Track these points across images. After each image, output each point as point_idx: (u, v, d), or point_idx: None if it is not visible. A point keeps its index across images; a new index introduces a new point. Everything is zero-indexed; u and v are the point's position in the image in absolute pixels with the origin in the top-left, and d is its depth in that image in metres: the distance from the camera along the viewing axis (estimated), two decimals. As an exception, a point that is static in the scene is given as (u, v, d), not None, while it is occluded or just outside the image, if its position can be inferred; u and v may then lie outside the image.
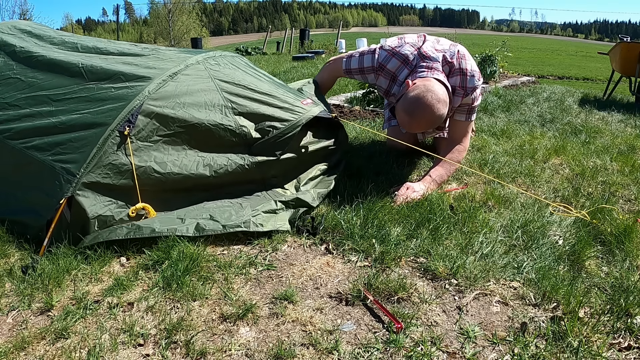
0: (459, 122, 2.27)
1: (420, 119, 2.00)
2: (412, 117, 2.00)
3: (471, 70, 2.14)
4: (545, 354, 1.14)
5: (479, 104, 2.49)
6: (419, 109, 1.97)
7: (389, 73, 2.22)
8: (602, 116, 4.06)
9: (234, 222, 1.71)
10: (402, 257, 1.58)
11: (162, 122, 1.76)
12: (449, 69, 2.14)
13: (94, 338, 1.20)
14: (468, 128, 2.30)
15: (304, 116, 1.99)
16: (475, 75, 2.15)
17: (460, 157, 2.26)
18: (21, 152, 1.75)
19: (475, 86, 2.16)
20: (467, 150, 2.36)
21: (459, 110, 2.23)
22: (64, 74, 1.96)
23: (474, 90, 2.17)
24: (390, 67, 2.20)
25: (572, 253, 1.61)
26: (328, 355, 1.16)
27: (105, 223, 1.63)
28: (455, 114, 2.25)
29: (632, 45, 5.13)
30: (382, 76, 2.25)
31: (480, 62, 5.94)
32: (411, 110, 1.99)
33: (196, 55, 2.05)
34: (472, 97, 2.18)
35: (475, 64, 2.19)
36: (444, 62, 2.12)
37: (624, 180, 2.35)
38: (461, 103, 2.19)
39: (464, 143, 2.29)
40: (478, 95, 2.22)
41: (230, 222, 1.71)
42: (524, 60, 17.91)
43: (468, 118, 2.26)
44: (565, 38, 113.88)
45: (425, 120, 2.00)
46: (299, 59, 10.09)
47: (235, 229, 1.70)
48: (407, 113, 2.00)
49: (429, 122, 2.01)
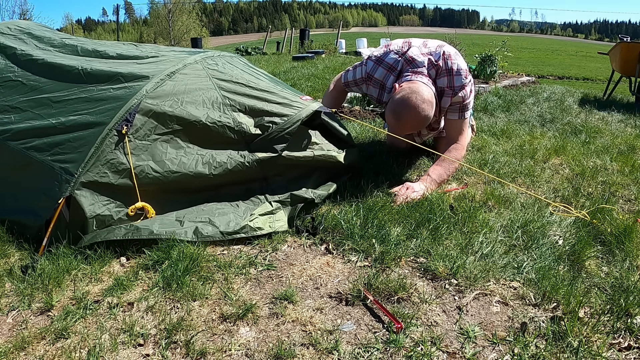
0: (453, 120, 2.27)
1: (406, 120, 2.03)
2: (398, 119, 2.05)
3: (457, 69, 2.14)
4: (545, 354, 1.14)
5: (473, 101, 2.49)
6: (404, 110, 2.01)
7: (377, 82, 2.28)
8: (602, 116, 4.06)
9: (232, 228, 1.71)
10: (402, 257, 1.58)
11: (160, 121, 1.76)
12: (436, 72, 2.16)
13: (94, 338, 1.20)
14: (464, 126, 2.29)
15: (304, 110, 1.98)
16: (462, 74, 2.15)
17: (459, 155, 2.27)
18: (21, 152, 1.75)
19: (463, 84, 2.16)
20: (465, 149, 2.36)
21: (451, 109, 2.24)
22: (65, 77, 1.96)
23: (462, 88, 2.16)
24: (377, 76, 2.26)
25: (572, 253, 1.61)
26: (328, 355, 1.16)
27: (103, 223, 1.63)
28: (449, 114, 2.26)
29: (632, 45, 5.14)
30: (371, 85, 2.31)
31: (480, 62, 5.94)
32: (397, 112, 2.03)
33: (194, 55, 2.05)
34: (462, 95, 2.18)
35: (462, 62, 2.20)
36: (430, 65, 2.15)
37: (624, 180, 2.35)
38: (452, 102, 2.19)
39: (461, 141, 2.29)
40: (469, 92, 2.21)
41: (229, 228, 1.70)
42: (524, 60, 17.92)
43: (462, 116, 2.25)
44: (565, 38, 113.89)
45: (412, 121, 2.04)
46: (299, 59, 10.08)
47: (233, 236, 1.70)
48: (394, 115, 2.05)
49: (415, 122, 2.05)
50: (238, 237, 1.70)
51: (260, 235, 1.73)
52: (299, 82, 5.73)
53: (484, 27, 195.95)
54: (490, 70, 5.88)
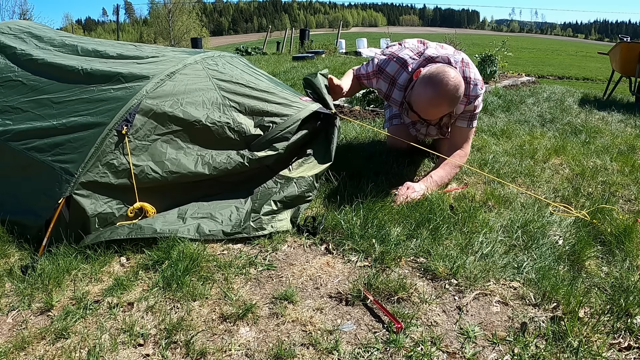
0: (461, 128, 2.29)
1: (444, 92, 1.95)
2: (435, 91, 1.96)
3: (474, 79, 2.16)
4: (545, 354, 1.14)
5: (480, 111, 2.51)
6: (444, 80, 1.94)
7: (388, 76, 2.26)
8: (602, 116, 4.06)
9: (234, 223, 1.71)
10: (402, 257, 1.58)
11: (160, 121, 1.76)
12: None
13: (94, 338, 1.20)
14: (470, 135, 2.32)
15: (304, 110, 1.98)
16: (478, 84, 2.17)
17: (461, 162, 2.28)
18: (22, 153, 1.75)
19: (477, 94, 2.18)
20: (467, 156, 2.38)
21: (461, 117, 2.25)
22: (65, 77, 1.97)
23: (477, 98, 2.19)
24: (389, 70, 2.25)
25: (572, 253, 1.61)
26: (328, 355, 1.16)
27: (105, 220, 1.64)
28: (458, 121, 2.27)
29: (632, 45, 5.14)
30: (381, 79, 2.29)
31: (480, 62, 5.94)
32: (435, 82, 1.96)
33: (194, 55, 2.05)
34: (475, 105, 2.20)
35: (478, 72, 2.22)
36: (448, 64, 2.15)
37: (624, 180, 2.35)
38: (464, 110, 2.21)
39: (465, 149, 2.31)
40: (480, 102, 2.25)
41: (231, 224, 1.71)
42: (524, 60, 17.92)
43: (470, 125, 2.28)
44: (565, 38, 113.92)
45: (450, 95, 1.96)
46: (299, 59, 10.08)
47: (235, 236, 1.70)
48: (431, 86, 1.97)
49: (453, 97, 1.98)
50: (240, 237, 1.71)
51: (261, 235, 1.73)
52: (299, 82, 5.72)
53: (484, 27, 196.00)
54: (490, 70, 5.88)
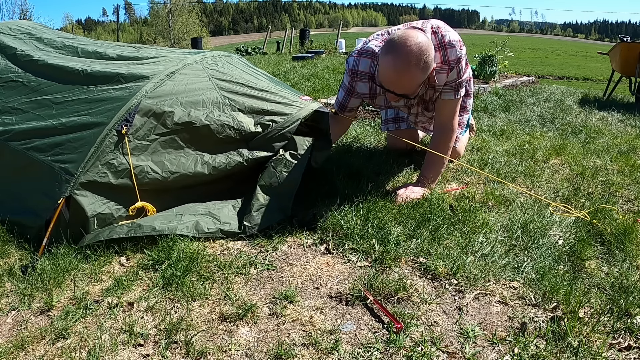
0: (447, 101, 2.08)
1: (406, 54, 1.76)
2: (397, 56, 1.77)
3: (450, 41, 1.95)
4: (545, 354, 1.14)
5: (469, 79, 2.28)
6: (405, 42, 1.77)
7: (364, 74, 2.10)
8: (602, 116, 4.06)
9: (230, 222, 1.73)
10: (402, 257, 1.58)
11: (160, 121, 1.76)
12: None
13: (94, 338, 1.20)
14: (457, 107, 2.12)
15: (304, 110, 1.98)
16: (455, 45, 1.96)
17: (450, 140, 2.12)
18: (21, 153, 1.75)
19: (458, 57, 1.97)
20: (456, 131, 2.18)
21: (446, 89, 2.05)
22: (65, 78, 1.96)
23: (458, 61, 1.98)
24: (362, 68, 2.09)
25: (572, 253, 1.61)
26: (328, 355, 1.16)
27: (104, 221, 1.64)
28: (443, 94, 2.07)
29: (632, 45, 5.14)
30: (359, 81, 2.13)
31: (480, 62, 5.94)
32: (395, 46, 1.78)
33: (194, 55, 2.05)
34: (459, 69, 2.00)
35: (454, 33, 2.00)
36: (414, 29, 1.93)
37: (624, 180, 2.35)
38: (447, 81, 2.02)
39: (453, 124, 2.12)
40: (464, 66, 2.03)
41: (228, 222, 1.73)
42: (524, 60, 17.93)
43: (456, 95, 2.07)
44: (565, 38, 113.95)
45: (414, 56, 1.77)
46: (299, 59, 10.08)
47: (233, 234, 1.72)
48: (392, 52, 1.79)
49: (418, 59, 1.78)
50: (238, 235, 1.72)
51: (261, 235, 1.73)
52: (299, 82, 5.73)
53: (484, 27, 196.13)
54: (490, 70, 5.88)
